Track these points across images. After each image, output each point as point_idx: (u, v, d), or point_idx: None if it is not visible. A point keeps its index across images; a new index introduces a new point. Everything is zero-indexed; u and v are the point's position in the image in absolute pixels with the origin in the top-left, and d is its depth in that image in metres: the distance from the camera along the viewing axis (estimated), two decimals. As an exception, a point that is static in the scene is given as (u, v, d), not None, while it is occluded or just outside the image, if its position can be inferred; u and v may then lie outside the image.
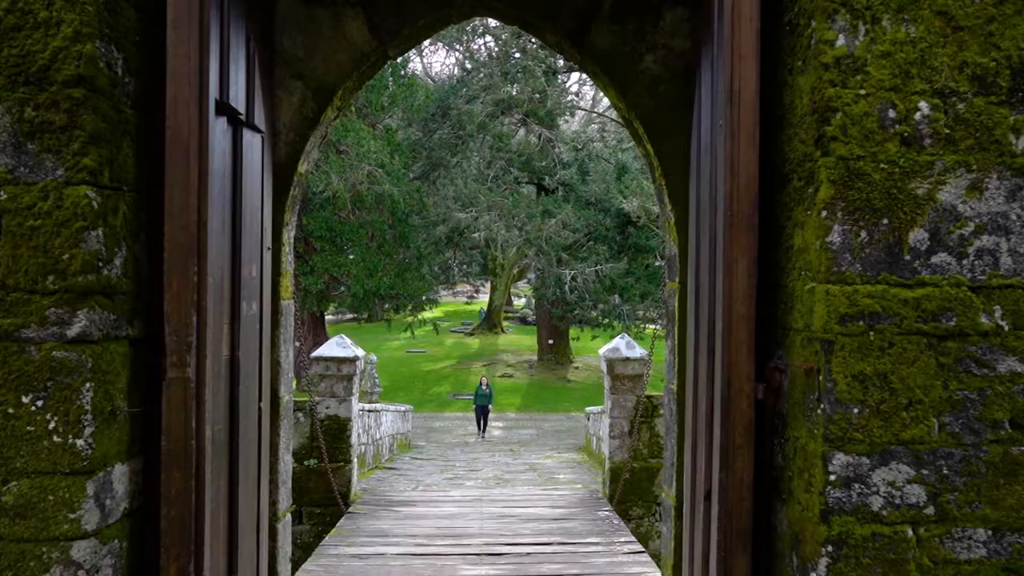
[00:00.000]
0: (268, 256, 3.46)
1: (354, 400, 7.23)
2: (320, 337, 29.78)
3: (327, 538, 5.80)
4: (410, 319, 28.79)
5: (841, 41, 2.32)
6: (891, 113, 2.32)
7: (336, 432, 7.06)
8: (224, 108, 2.80)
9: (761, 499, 2.64)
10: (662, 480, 3.99)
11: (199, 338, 2.48)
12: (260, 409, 3.34)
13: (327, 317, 44.01)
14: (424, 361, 34.06)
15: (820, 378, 2.33)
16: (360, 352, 7.29)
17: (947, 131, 2.33)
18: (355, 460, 7.36)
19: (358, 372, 7.24)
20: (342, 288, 26.69)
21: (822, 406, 2.33)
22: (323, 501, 6.97)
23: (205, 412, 2.51)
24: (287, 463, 3.80)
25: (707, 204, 2.91)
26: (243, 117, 3.02)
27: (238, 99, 2.92)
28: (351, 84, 3.80)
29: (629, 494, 7.02)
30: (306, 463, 6.97)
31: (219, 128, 2.79)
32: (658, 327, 30.55)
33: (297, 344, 27.75)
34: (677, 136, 3.66)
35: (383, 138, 25.24)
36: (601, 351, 7.37)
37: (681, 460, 3.64)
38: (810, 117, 2.40)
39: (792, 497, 2.50)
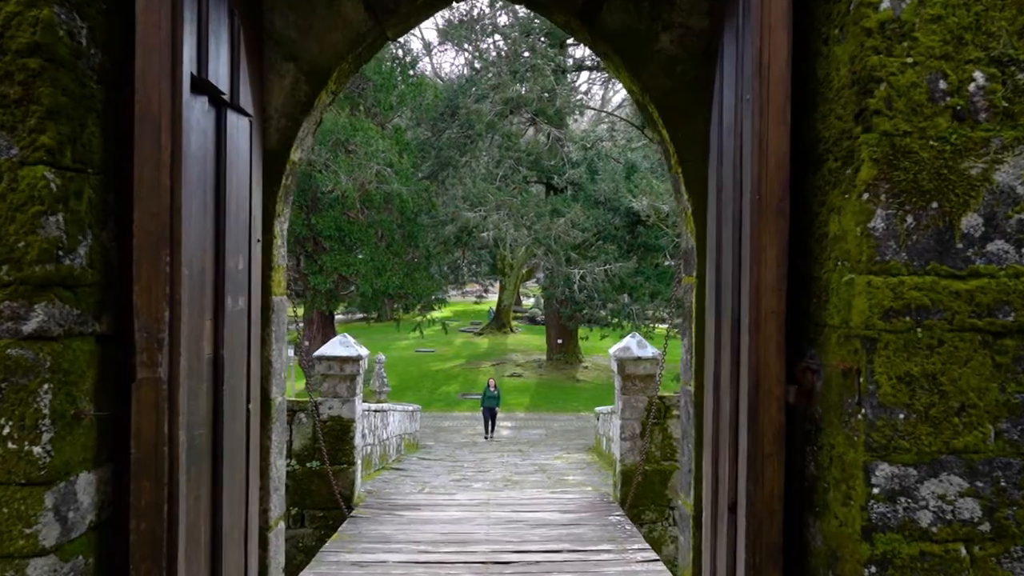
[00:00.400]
0: (258, 248, 3.24)
1: (357, 400, 7.01)
2: (329, 336, 29.64)
3: (327, 544, 5.59)
4: (419, 319, 28.59)
5: (886, 4, 2.06)
6: (942, 84, 2.07)
7: (339, 433, 6.85)
8: (204, 86, 2.58)
9: (792, 511, 2.40)
10: (678, 486, 3.74)
11: (172, 335, 2.26)
12: (249, 411, 3.12)
13: (337, 317, 43.99)
14: (433, 361, 33.89)
15: (860, 380, 2.08)
16: (364, 351, 7.08)
17: (1005, 104, 2.08)
18: (359, 462, 7.15)
19: (362, 372, 7.02)
20: (352, 288, 26.54)
21: (863, 411, 2.08)
22: (326, 504, 6.76)
23: (179, 416, 2.29)
24: (280, 468, 3.58)
25: (730, 190, 2.67)
26: (227, 98, 2.80)
27: (219, 77, 2.70)
28: (346, 66, 3.58)
29: (641, 497, 6.77)
30: (308, 465, 6.77)
31: (198, 107, 2.57)
32: (668, 326, 30.24)
33: (306, 344, 27.70)
34: (695, 120, 3.41)
35: (392, 137, 25.07)
36: (611, 350, 7.12)
37: (699, 466, 3.40)
38: (849, 90, 2.15)
39: (828, 511, 2.25)
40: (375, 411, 10.42)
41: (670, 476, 6.87)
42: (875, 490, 2.06)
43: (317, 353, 6.93)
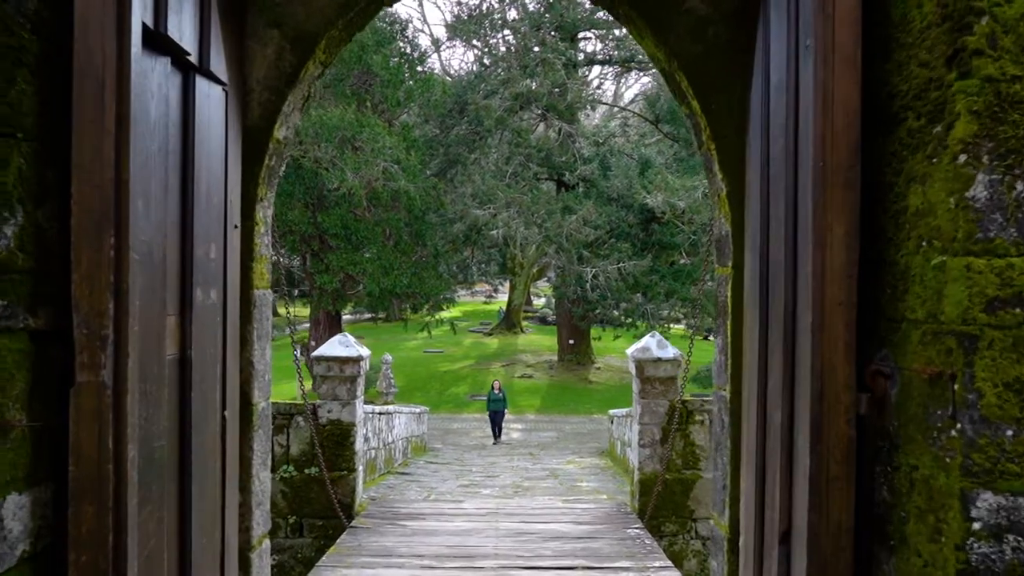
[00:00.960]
0: (236, 236, 2.87)
1: (358, 403, 6.65)
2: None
3: (324, 558, 5.22)
4: (428, 319, 28.24)
5: (985, -81, 1.66)
6: (1057, 17, 1.67)
7: (339, 438, 6.49)
8: (164, 44, 2.21)
9: (858, 544, 2.00)
10: (710, 504, 3.34)
11: (119, 331, 1.89)
12: (224, 418, 2.75)
13: (345, 317, 43.77)
14: (442, 361, 33.55)
15: (955, 387, 1.68)
16: (365, 351, 6.71)
17: None
18: (360, 468, 6.78)
19: (363, 373, 6.66)
20: (360, 287, 26.23)
21: (958, 426, 1.68)
22: (325, 512, 6.41)
23: (127, 426, 1.91)
24: (263, 481, 3.21)
25: (780, 161, 2.27)
26: (194, 60, 2.43)
27: (184, 35, 2.33)
28: (336, 33, 3.20)
29: (661, 508, 6.36)
30: (307, 471, 6.41)
31: (159, 69, 2.21)
32: (685, 325, 29.73)
33: (312, 344, 27.38)
34: (729, 89, 3.01)
35: (399, 134, 24.74)
36: (629, 351, 6.72)
37: (736, 483, 3.00)
38: (938, 28, 1.75)
39: (907, 546, 1.85)
40: (379, 413, 10.07)
41: (692, 486, 6.47)
42: (975, 525, 1.66)
43: (315, 353, 6.57)
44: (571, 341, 31.63)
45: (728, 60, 3.01)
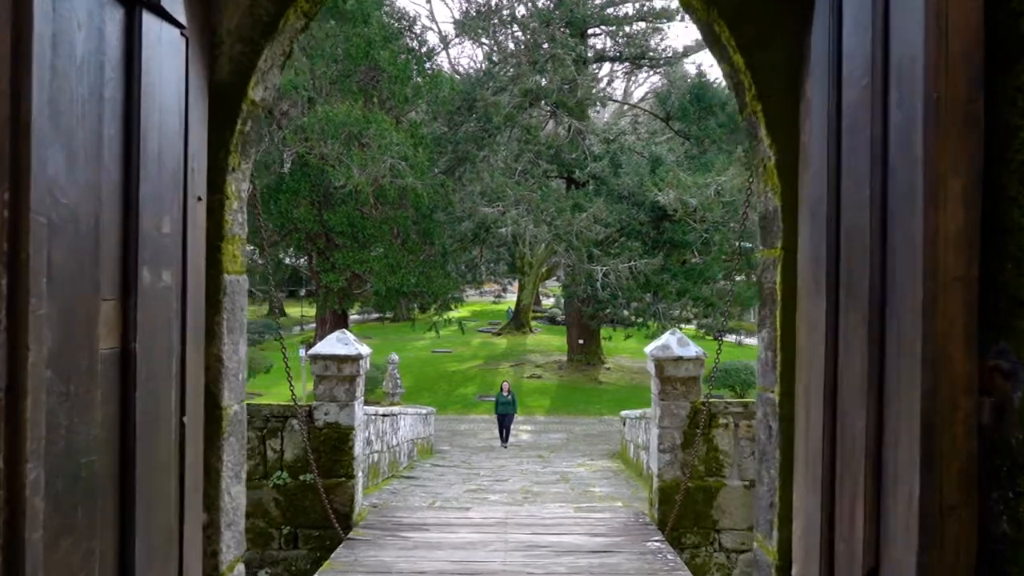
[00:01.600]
0: (199, 209, 2.45)
1: (358, 405, 6.23)
2: (343, 336, 29.01)
3: (316, 574, 4.80)
4: (436, 318, 27.81)
5: None
6: None
7: (336, 442, 6.07)
8: (95, -40, 1.78)
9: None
10: (754, 525, 2.88)
11: (15, 315, 1.46)
12: (183, 424, 2.33)
13: (353, 316, 43.51)
14: (450, 361, 33.16)
15: None
16: (365, 350, 6.29)
17: None
18: (359, 474, 6.36)
19: (363, 373, 6.23)
20: (367, 286, 25.84)
21: None
22: (322, 522, 5.98)
23: (27, 440, 1.48)
24: (236, 496, 2.78)
25: (861, 109, 1.82)
26: (140, -10, 2.00)
27: (125, -46, 1.91)
28: (322, -23, 2.77)
29: (682, 518, 5.90)
30: (302, 478, 5.99)
31: (88, -7, 1.78)
32: (695, 325, 29.18)
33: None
34: (779, 38, 2.56)
35: (407, 131, 24.36)
36: (648, 349, 6.27)
37: (787, 501, 2.55)
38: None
39: (1047, 599, 1.40)
40: (383, 415, 9.65)
41: (715, 495, 6.00)
42: None
43: (312, 351, 6.15)
44: (581, 341, 31.13)
45: (778, 4, 2.56)
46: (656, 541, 5.44)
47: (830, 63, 2.08)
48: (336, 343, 6.10)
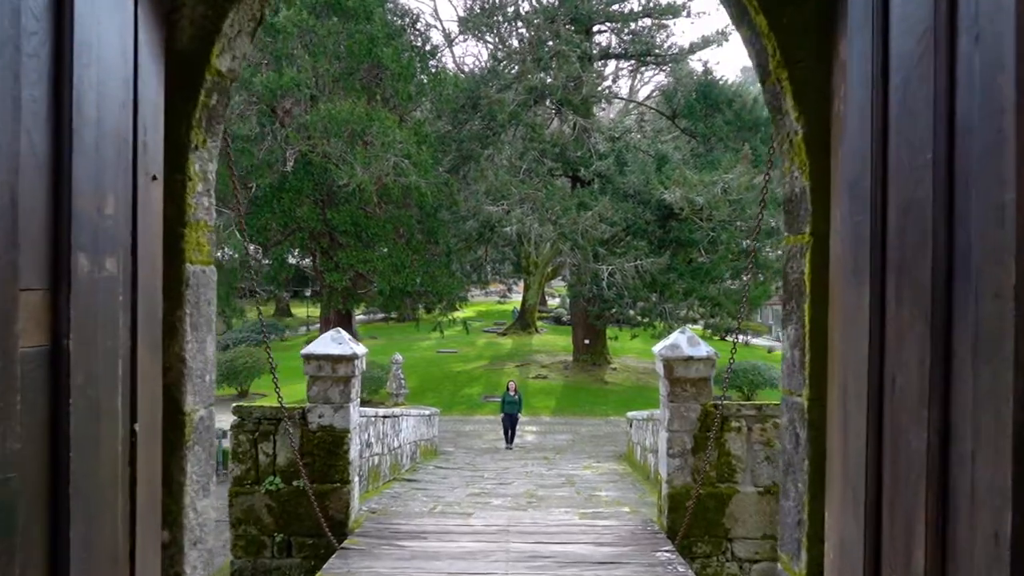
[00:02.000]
0: (154, 190, 2.17)
1: (353, 407, 5.95)
2: (347, 336, 28.75)
3: (307, 588, 4.55)
4: (441, 318, 27.54)
5: None
6: None
7: (331, 446, 5.79)
8: None
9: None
10: (779, 543, 2.59)
11: None
12: (133, 433, 2.05)
13: (358, 316, 43.32)
14: (455, 361, 32.90)
15: None
16: (360, 349, 6.01)
17: None
18: (355, 479, 6.08)
19: (358, 373, 5.96)
20: (372, 285, 25.59)
21: None
22: (317, 529, 5.71)
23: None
24: (202, 511, 2.50)
25: (920, 62, 1.53)
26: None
27: None
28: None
29: (693, 526, 5.61)
30: (296, 483, 5.72)
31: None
32: (701, 325, 28.81)
33: (323, 344, 26.77)
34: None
35: (410, 128, 24.10)
36: (656, 349, 5.97)
37: (818, 519, 2.26)
38: None
39: None
40: (384, 417, 9.38)
41: (728, 502, 5.70)
42: None
43: (304, 351, 5.88)
44: (587, 341, 30.81)
45: (807, -42, 2.27)
46: (666, 551, 5.15)
47: (874, 15, 1.79)
48: (330, 342, 5.83)
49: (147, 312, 2.12)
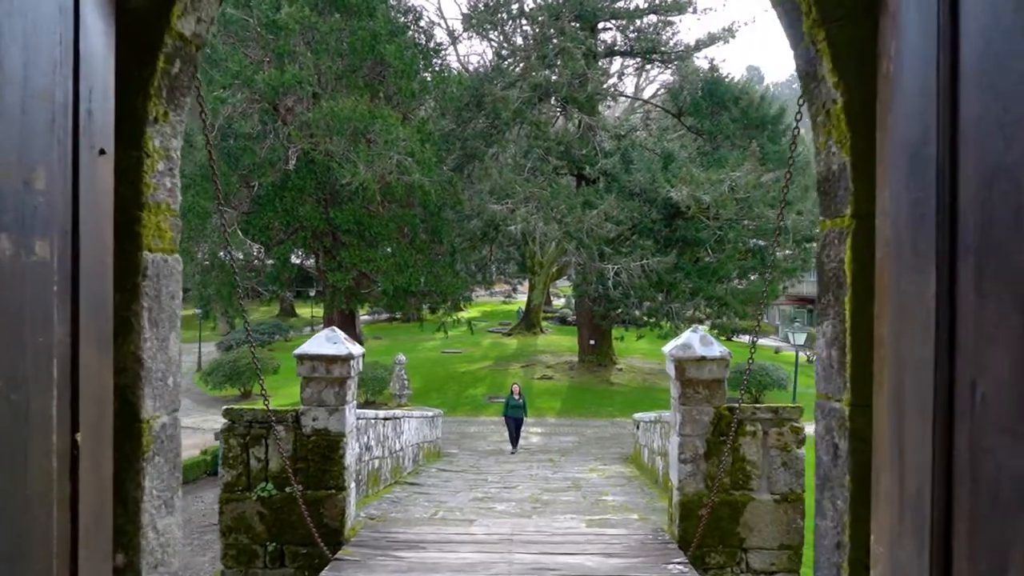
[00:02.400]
0: (103, 166, 1.90)
1: (349, 410, 5.67)
2: (351, 337, 28.47)
3: (296, 603, 4.27)
4: (445, 319, 27.27)
5: None
6: None
7: (326, 451, 5.52)
8: None
9: None
10: (815, 567, 2.30)
11: None
12: (75, 443, 1.78)
13: (363, 317, 43.10)
14: (459, 362, 32.64)
15: None
16: (357, 349, 5.74)
17: None
18: (352, 486, 5.80)
19: (354, 374, 5.69)
20: (376, 285, 25.33)
21: None
22: (311, 538, 5.43)
23: None
24: (164, 531, 2.23)
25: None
26: None
27: None
28: None
29: (705, 536, 5.32)
30: (289, 490, 5.44)
31: None
32: (708, 326, 28.45)
33: (326, 344, 26.52)
34: (849, -53, 1.99)
35: (414, 127, 23.84)
36: (667, 349, 5.68)
37: (862, 542, 1.97)
38: None
39: None
40: (385, 419, 9.12)
41: (742, 510, 5.40)
42: None
43: (297, 351, 5.61)
44: (592, 341, 30.50)
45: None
46: (678, 563, 4.86)
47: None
48: (324, 342, 5.55)
49: (93, 305, 1.85)
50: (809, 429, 6.10)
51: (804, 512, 5.43)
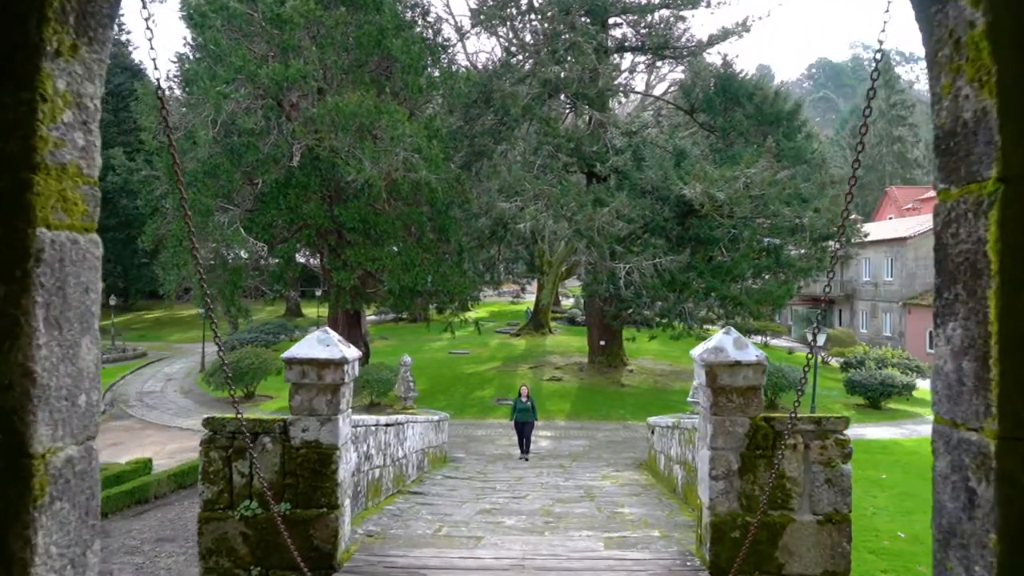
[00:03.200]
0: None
1: (342, 419, 5.12)
2: (355, 338, 27.91)
3: (277, 645, 3.74)
4: (453, 319, 26.72)
5: None
6: None
7: (316, 465, 4.97)
8: None
9: None
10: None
11: None
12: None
13: (370, 317, 42.64)
14: (467, 363, 32.12)
15: None
16: (351, 352, 5.19)
17: None
18: (346, 503, 5.25)
19: (348, 380, 5.14)
20: (382, 284, 24.81)
21: None
22: (299, 562, 4.90)
23: None
24: (74, 599, 1.69)
25: None
26: None
27: None
28: None
29: (741, 561, 4.75)
30: (275, 509, 4.91)
31: None
32: (718, 326, 27.80)
33: (331, 344, 26.04)
34: None
35: (421, 122, 23.31)
36: (697, 353, 5.11)
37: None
38: None
39: None
40: (387, 424, 8.59)
41: (781, 532, 4.83)
42: None
43: (286, 354, 5.06)
44: (602, 342, 29.91)
45: None
46: (712, 595, 4.31)
47: None
48: (315, 344, 5.01)
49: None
50: (853, 431, 5.52)
51: (850, 535, 4.87)
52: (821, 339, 19.00)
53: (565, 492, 10.53)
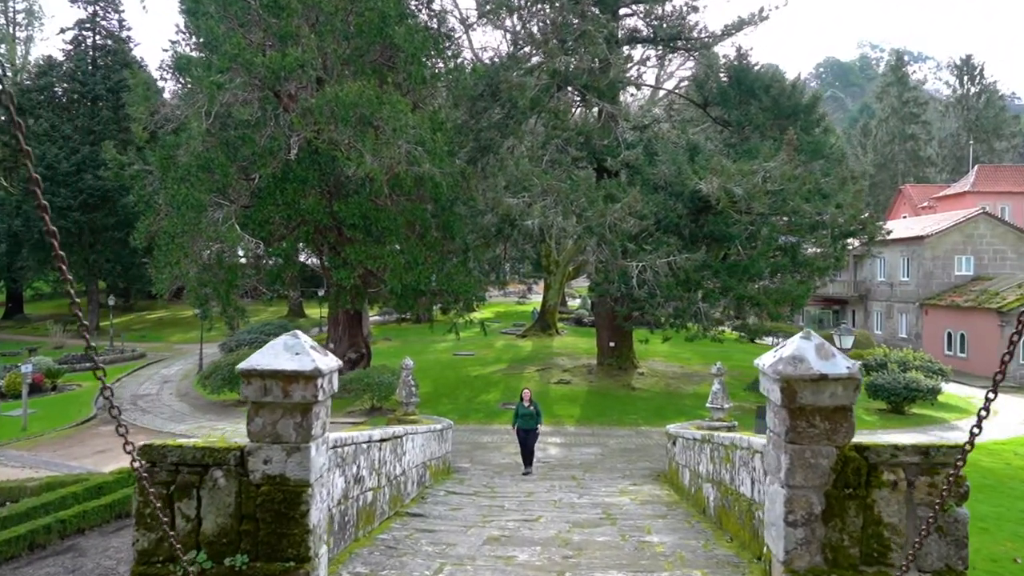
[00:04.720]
0: None
1: (315, 447, 4.05)
2: (356, 339, 26.92)
3: None
4: (458, 320, 25.68)
5: None
6: None
7: (281, 506, 3.90)
8: None
9: None
10: None
11: None
12: None
13: (373, 318, 41.59)
14: (472, 365, 31.05)
15: None
16: (329, 363, 4.11)
17: None
18: (321, 554, 4.20)
19: (324, 398, 4.07)
20: (383, 284, 23.81)
21: None
22: (265, 625, 3.86)
23: None
24: None
25: None
26: None
27: None
28: None
29: (822, 632, 3.69)
30: (230, 561, 3.86)
31: None
32: (729, 326, 26.65)
33: (331, 346, 25.04)
34: None
35: (425, 114, 22.29)
36: (765, 363, 4.04)
37: None
38: None
39: None
40: (381, 440, 7.53)
41: (881, 596, 3.77)
42: None
43: (242, 365, 3.98)
44: (612, 343, 28.82)
45: None
46: None
47: None
48: (282, 352, 3.94)
49: None
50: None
51: (966, 600, 3.78)
52: (848, 341, 17.86)
53: (581, 512, 9.46)
